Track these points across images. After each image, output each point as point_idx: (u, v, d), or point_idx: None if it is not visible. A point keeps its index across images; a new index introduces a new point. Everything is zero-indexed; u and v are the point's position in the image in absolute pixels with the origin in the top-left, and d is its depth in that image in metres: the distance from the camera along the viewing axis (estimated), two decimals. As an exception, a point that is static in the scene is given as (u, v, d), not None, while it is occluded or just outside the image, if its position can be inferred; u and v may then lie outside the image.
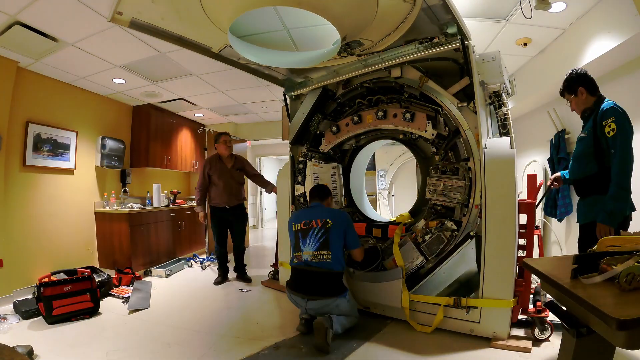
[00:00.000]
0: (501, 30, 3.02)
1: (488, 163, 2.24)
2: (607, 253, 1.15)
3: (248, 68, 3.04)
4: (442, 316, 2.33)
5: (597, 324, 0.98)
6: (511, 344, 2.10)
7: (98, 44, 3.07)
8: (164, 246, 4.81)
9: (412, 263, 2.51)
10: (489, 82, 2.44)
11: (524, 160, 4.55)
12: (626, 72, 2.89)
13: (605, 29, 2.61)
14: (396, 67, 2.67)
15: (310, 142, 3.24)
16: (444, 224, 2.45)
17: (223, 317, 2.82)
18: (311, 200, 2.72)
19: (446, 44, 2.37)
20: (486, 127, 2.43)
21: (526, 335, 2.21)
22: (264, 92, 4.74)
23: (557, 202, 3.70)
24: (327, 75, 3.08)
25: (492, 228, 2.19)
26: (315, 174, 3.14)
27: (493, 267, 2.19)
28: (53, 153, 3.83)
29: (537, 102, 4.18)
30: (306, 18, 2.18)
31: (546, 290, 1.32)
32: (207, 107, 5.41)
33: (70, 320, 2.76)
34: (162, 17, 2.19)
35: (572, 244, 3.72)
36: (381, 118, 2.73)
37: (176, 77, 4.02)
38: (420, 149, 2.84)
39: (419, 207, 2.86)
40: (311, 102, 3.16)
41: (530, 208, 2.31)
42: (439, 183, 2.48)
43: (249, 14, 2.10)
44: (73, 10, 2.51)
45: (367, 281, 2.68)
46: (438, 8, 2.12)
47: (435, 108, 2.53)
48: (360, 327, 2.47)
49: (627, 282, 0.98)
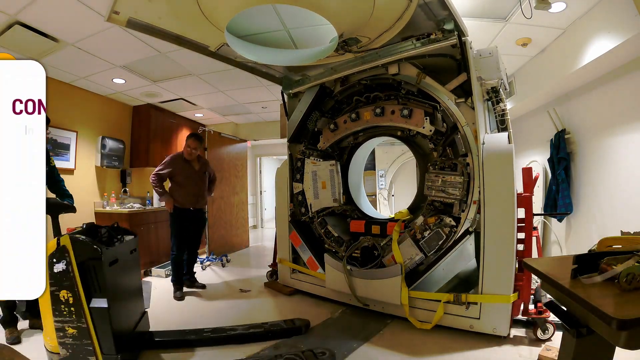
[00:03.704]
0: (501, 30, 3.02)
1: (486, 159, 2.24)
2: (607, 253, 1.14)
3: (245, 66, 3.06)
4: (442, 313, 2.32)
5: (597, 324, 0.98)
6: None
7: (98, 44, 3.09)
8: (164, 246, 4.80)
9: (411, 260, 2.51)
10: (487, 78, 2.44)
11: (524, 160, 4.54)
12: (626, 72, 2.89)
13: (605, 29, 2.61)
14: (393, 64, 2.67)
15: (309, 139, 3.24)
16: (443, 220, 2.44)
17: (223, 317, 2.81)
18: None
19: (443, 40, 2.37)
20: (484, 122, 2.43)
21: (527, 336, 2.20)
22: (263, 92, 4.76)
23: (557, 202, 3.68)
24: (324, 72, 3.09)
25: (491, 224, 2.19)
26: (314, 171, 3.14)
27: (492, 263, 2.18)
28: (53, 153, 3.84)
29: (537, 102, 4.17)
30: (303, 16, 2.20)
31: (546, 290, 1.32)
32: (207, 107, 5.43)
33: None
34: (159, 16, 2.20)
35: (572, 244, 3.70)
36: (379, 115, 2.73)
37: (176, 77, 4.04)
38: (418, 146, 2.84)
39: (417, 203, 2.85)
40: (309, 100, 3.17)
41: (527, 201, 2.30)
42: (437, 179, 2.48)
43: (246, 13, 2.11)
44: (73, 10, 2.53)
45: (366, 278, 2.67)
46: (435, 4, 2.13)
47: (433, 104, 2.53)
48: (360, 327, 2.46)
49: (627, 282, 0.98)
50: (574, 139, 3.68)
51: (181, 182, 3.49)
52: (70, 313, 1.77)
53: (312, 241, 3.15)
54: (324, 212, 3.14)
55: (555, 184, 3.73)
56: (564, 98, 3.79)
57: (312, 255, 3.09)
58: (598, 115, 3.33)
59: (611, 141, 3.15)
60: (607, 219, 3.17)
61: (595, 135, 3.37)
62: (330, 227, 3.06)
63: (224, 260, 4.80)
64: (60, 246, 1.78)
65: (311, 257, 3.10)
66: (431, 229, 2.46)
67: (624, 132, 3.01)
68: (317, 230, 3.16)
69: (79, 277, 1.78)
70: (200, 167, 3.64)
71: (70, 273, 1.77)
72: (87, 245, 1.82)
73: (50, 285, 1.77)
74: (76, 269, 1.78)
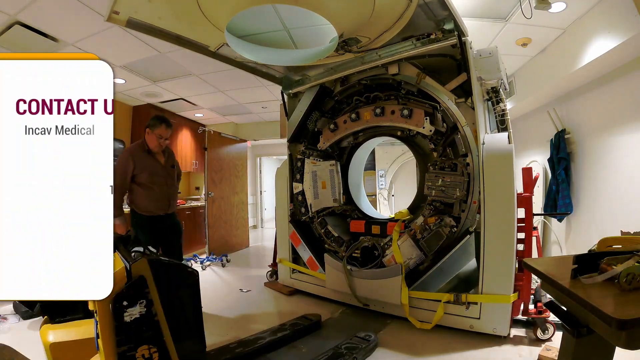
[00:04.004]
0: (501, 30, 3.02)
1: (486, 159, 2.24)
2: (607, 253, 1.14)
3: (245, 66, 3.06)
4: (442, 313, 2.32)
5: (597, 324, 0.98)
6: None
7: (98, 44, 3.09)
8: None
9: (411, 259, 2.51)
10: (487, 78, 2.44)
11: (524, 160, 4.54)
12: (626, 72, 2.89)
13: (605, 29, 2.61)
14: (393, 64, 2.67)
15: (308, 139, 3.24)
16: (443, 220, 2.44)
17: (223, 317, 2.81)
18: None
19: (443, 40, 2.37)
20: (484, 123, 2.43)
21: (527, 336, 2.20)
22: (263, 92, 4.76)
23: (557, 202, 3.68)
24: (324, 73, 3.09)
25: (491, 224, 2.19)
26: (314, 171, 3.14)
27: (492, 263, 2.18)
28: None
29: (537, 102, 4.18)
30: (303, 17, 2.20)
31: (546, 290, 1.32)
32: (207, 107, 5.43)
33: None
34: (159, 15, 2.20)
35: (572, 244, 3.70)
36: (379, 115, 2.73)
37: (176, 77, 4.04)
38: (418, 146, 2.84)
39: (417, 203, 2.85)
40: (309, 100, 3.17)
41: (527, 201, 2.30)
42: (437, 179, 2.48)
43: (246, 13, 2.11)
44: (73, 10, 2.53)
45: (366, 278, 2.67)
46: (435, 4, 2.13)
47: (433, 104, 2.53)
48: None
49: (627, 282, 0.98)
50: (574, 139, 3.68)
51: (144, 182, 2.64)
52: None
53: (312, 241, 3.15)
54: (324, 212, 3.14)
55: (555, 184, 3.74)
56: (564, 98, 3.80)
57: (312, 255, 3.09)
58: (598, 115, 3.33)
59: (611, 141, 3.15)
60: (607, 219, 3.17)
61: (595, 135, 3.38)
62: (330, 227, 3.06)
63: (224, 260, 4.79)
64: (136, 279, 1.15)
65: (311, 257, 3.09)
66: (431, 229, 2.46)
67: (624, 132, 3.01)
68: (317, 230, 3.16)
69: (164, 320, 1.19)
70: (167, 159, 2.82)
71: (153, 317, 1.17)
72: (177, 269, 1.27)
73: (118, 344, 1.13)
74: (160, 310, 1.19)
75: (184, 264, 1.41)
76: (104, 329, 1.11)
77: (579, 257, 1.12)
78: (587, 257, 1.12)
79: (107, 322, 1.12)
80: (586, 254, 1.16)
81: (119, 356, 1.12)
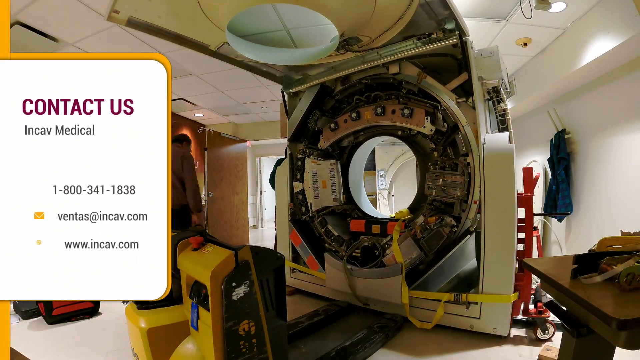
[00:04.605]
0: (501, 30, 3.02)
1: (487, 158, 2.23)
2: (607, 253, 1.14)
3: (246, 65, 3.05)
4: (443, 312, 2.32)
5: (597, 324, 0.98)
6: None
7: (98, 43, 3.09)
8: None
9: (412, 259, 2.51)
10: (488, 78, 2.43)
11: (524, 160, 4.55)
12: (626, 72, 2.89)
13: (605, 29, 2.62)
14: (394, 63, 2.67)
15: (309, 139, 3.24)
16: (443, 219, 2.44)
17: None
18: None
19: (444, 40, 2.37)
20: (485, 122, 2.43)
21: (527, 336, 2.20)
22: (264, 92, 4.76)
23: (557, 202, 3.68)
24: (325, 72, 3.09)
25: (491, 223, 2.18)
26: (314, 170, 3.14)
27: (493, 263, 2.18)
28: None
29: (537, 102, 4.18)
30: (304, 16, 2.20)
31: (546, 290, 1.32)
32: (207, 107, 5.43)
33: (70, 320, 2.74)
34: (159, 15, 2.20)
35: (572, 244, 3.70)
36: (379, 114, 2.73)
37: (176, 77, 4.04)
38: (419, 145, 2.84)
39: (418, 203, 2.85)
40: (309, 99, 3.17)
41: (528, 201, 2.30)
42: (437, 179, 2.48)
43: (247, 12, 2.11)
44: (73, 10, 2.53)
45: (366, 278, 2.67)
46: (436, 4, 2.13)
47: (434, 104, 2.53)
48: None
49: (627, 282, 0.98)
50: (574, 139, 3.68)
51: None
52: (251, 347, 1.36)
53: (312, 240, 3.15)
54: (324, 212, 3.14)
55: (555, 184, 3.74)
56: (564, 98, 3.80)
57: (312, 255, 3.08)
58: (598, 115, 3.33)
59: (611, 141, 3.16)
60: (607, 219, 3.18)
61: (595, 135, 3.38)
62: (331, 226, 3.06)
63: (224, 260, 4.79)
64: (242, 263, 1.36)
65: (311, 257, 3.09)
66: (431, 229, 2.46)
67: (624, 132, 3.01)
68: (317, 229, 3.16)
69: (260, 298, 1.41)
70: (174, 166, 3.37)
71: (254, 295, 1.38)
72: (269, 254, 1.50)
73: (226, 320, 1.31)
74: (258, 289, 1.40)
75: (274, 251, 1.61)
76: (215, 307, 1.29)
77: (579, 257, 1.12)
78: (587, 257, 1.12)
79: (218, 301, 1.30)
80: (586, 254, 1.16)
81: (225, 330, 1.30)
